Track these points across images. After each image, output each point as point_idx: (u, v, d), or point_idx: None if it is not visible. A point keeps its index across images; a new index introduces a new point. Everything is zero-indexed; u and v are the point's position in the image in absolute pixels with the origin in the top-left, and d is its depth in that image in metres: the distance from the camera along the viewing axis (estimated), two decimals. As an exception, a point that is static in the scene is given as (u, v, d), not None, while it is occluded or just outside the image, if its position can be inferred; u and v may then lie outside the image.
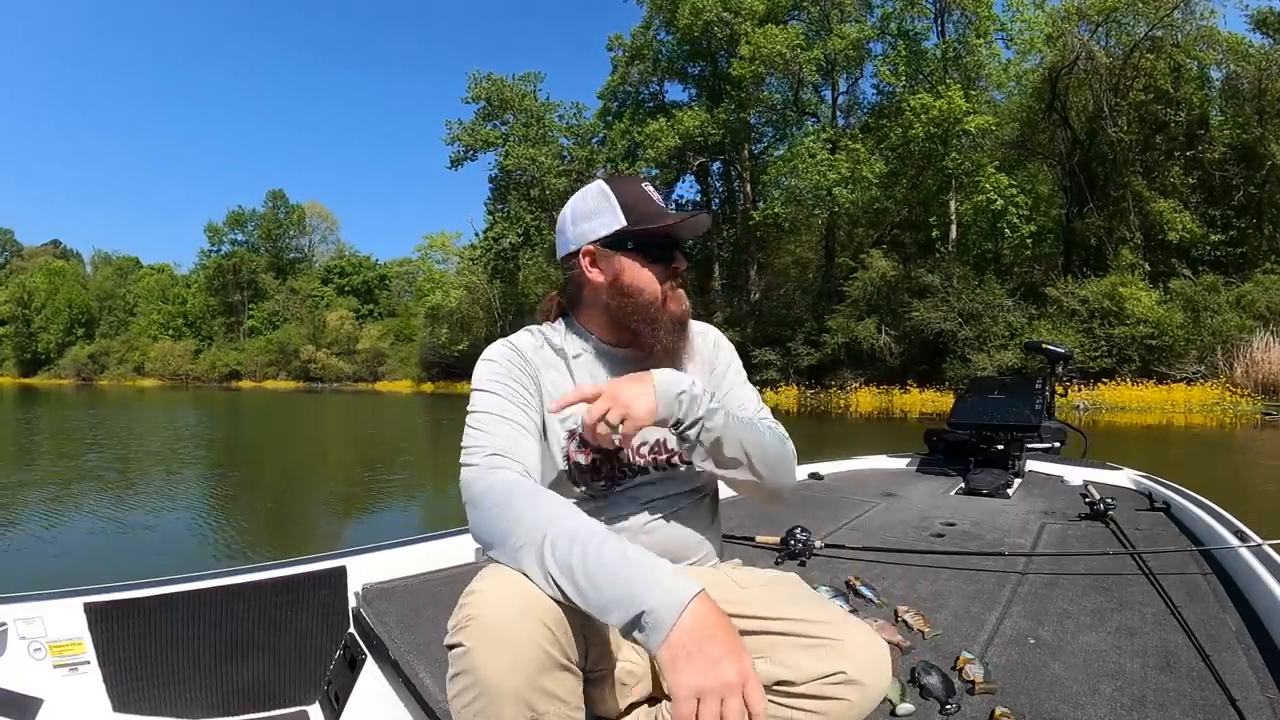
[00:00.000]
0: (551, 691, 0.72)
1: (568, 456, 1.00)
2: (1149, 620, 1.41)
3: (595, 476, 1.01)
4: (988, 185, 19.53)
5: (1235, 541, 1.69)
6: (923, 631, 1.37)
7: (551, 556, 0.74)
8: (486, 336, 33.03)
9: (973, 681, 1.15)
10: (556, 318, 1.10)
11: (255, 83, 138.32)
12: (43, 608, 1.35)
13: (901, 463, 3.45)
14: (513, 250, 30.89)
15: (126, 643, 1.39)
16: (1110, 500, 2.25)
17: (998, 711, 1.05)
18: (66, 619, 1.36)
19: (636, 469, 1.03)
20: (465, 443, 0.92)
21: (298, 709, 1.49)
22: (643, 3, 26.94)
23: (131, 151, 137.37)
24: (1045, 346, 3.52)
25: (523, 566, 0.76)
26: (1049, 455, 3.29)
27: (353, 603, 1.56)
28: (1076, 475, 2.98)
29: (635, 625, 0.68)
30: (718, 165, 28.34)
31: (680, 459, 1.04)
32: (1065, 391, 3.63)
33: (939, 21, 22.48)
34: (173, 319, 57.52)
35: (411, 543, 1.79)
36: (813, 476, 3.13)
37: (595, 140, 31.16)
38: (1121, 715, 1.05)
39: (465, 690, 0.72)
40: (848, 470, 3.36)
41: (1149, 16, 18.60)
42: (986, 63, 21.37)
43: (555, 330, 1.07)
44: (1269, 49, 18.62)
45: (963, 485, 2.85)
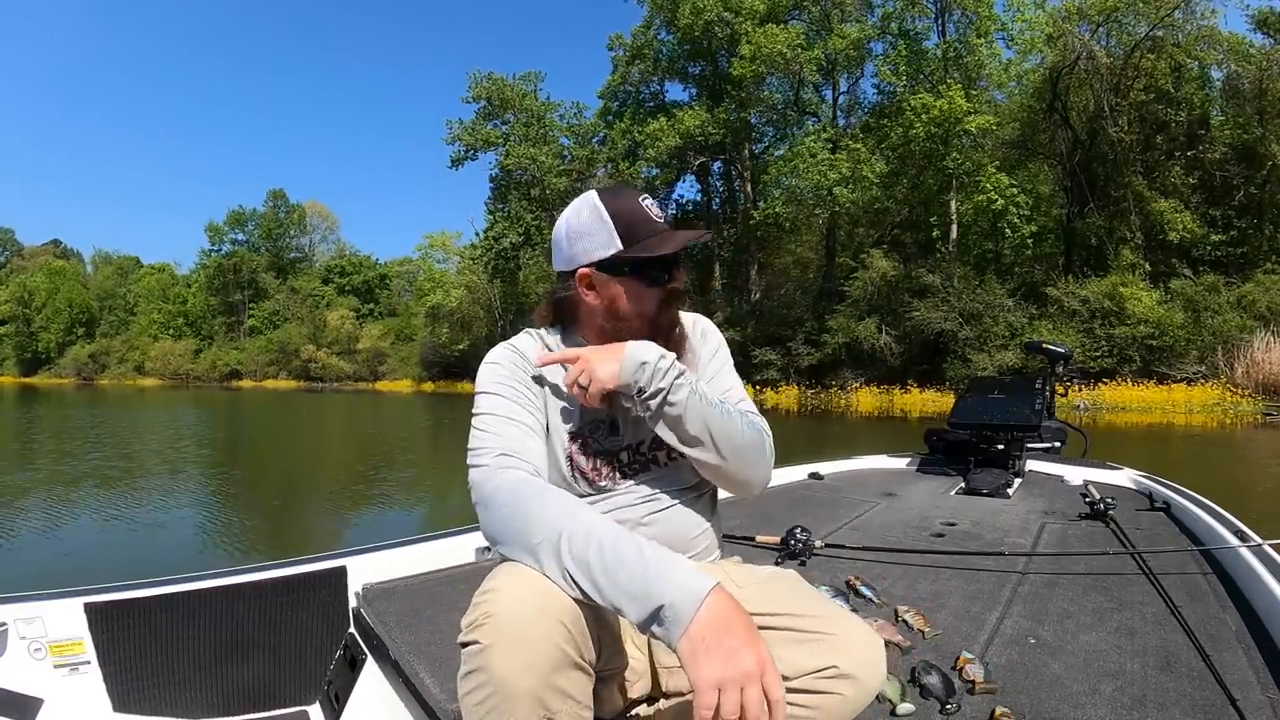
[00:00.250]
0: (565, 690, 0.73)
1: (569, 457, 1.01)
2: (1149, 620, 1.41)
3: (597, 476, 1.01)
4: (988, 185, 19.53)
5: (1235, 541, 1.69)
6: (923, 631, 1.37)
7: (569, 554, 0.75)
8: (487, 336, 33.09)
9: (973, 681, 1.15)
10: (554, 324, 1.09)
11: (255, 82, 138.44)
12: (43, 608, 1.35)
13: (902, 463, 3.45)
14: (513, 250, 30.89)
15: (126, 643, 1.39)
16: (1110, 500, 2.26)
17: (998, 711, 1.05)
18: (67, 619, 1.36)
19: (638, 467, 1.03)
20: (472, 444, 0.93)
21: (298, 709, 1.49)
22: (643, 2, 26.98)
23: (132, 151, 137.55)
24: (1045, 346, 3.52)
25: (540, 564, 0.76)
26: (1049, 455, 3.28)
27: (353, 603, 1.56)
28: (1077, 475, 2.98)
29: (654, 620, 0.69)
30: (718, 165, 28.36)
31: (680, 456, 1.04)
32: (1065, 391, 3.63)
33: (940, 21, 22.48)
34: (173, 318, 57.52)
35: (411, 543, 1.79)
36: (813, 476, 3.13)
37: (596, 140, 31.16)
38: (1121, 715, 1.05)
39: (479, 688, 0.72)
40: (848, 470, 3.36)
41: (1150, 16, 18.59)
42: (987, 62, 21.36)
43: (552, 335, 1.07)
44: (1270, 49, 18.60)
45: (963, 485, 2.85)
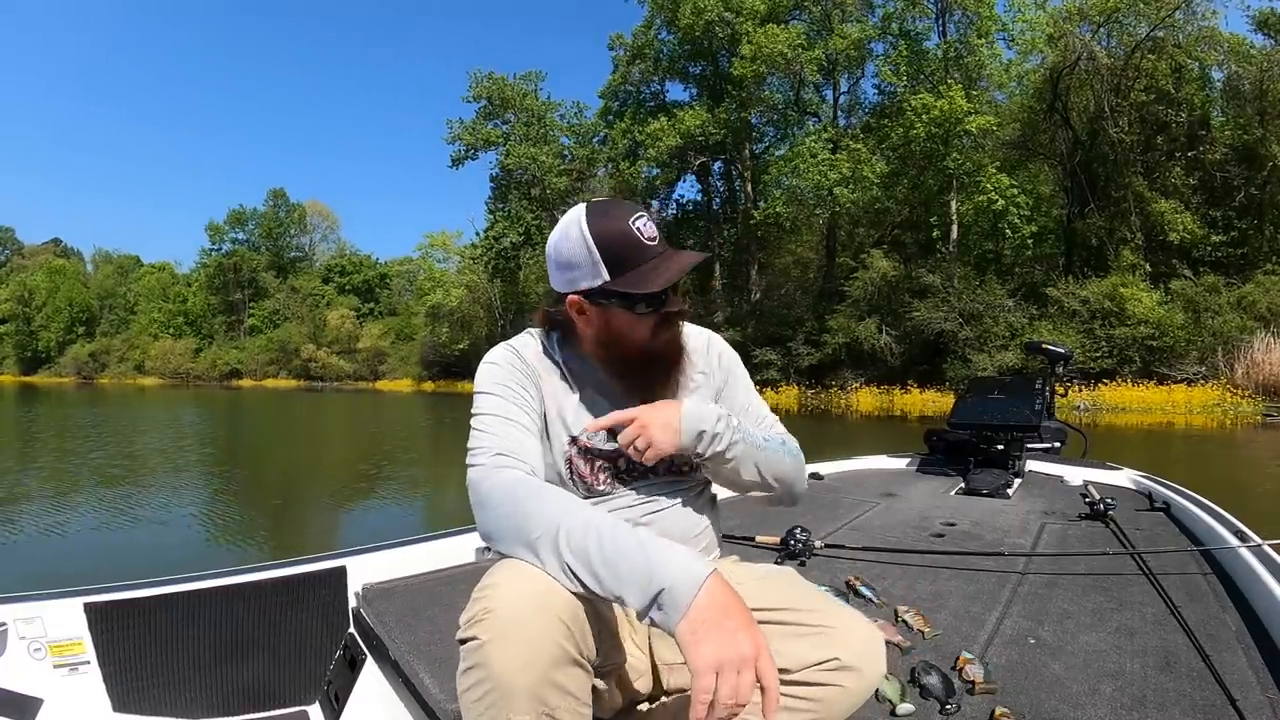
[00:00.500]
0: (564, 687, 0.73)
1: (569, 460, 1.01)
2: (1149, 620, 1.41)
3: (595, 481, 1.01)
4: (989, 185, 19.52)
5: (1235, 541, 1.69)
6: (923, 631, 1.37)
7: (568, 547, 0.75)
8: (487, 335, 33.06)
9: (973, 681, 1.15)
10: (552, 330, 1.07)
11: (255, 81, 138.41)
12: (43, 608, 1.35)
13: (901, 463, 3.45)
14: (513, 249, 30.88)
15: (126, 643, 1.38)
16: (1110, 500, 2.25)
17: (998, 711, 1.05)
18: (66, 619, 1.36)
19: (636, 474, 1.03)
20: (470, 444, 0.93)
21: (298, 709, 1.48)
22: (644, 2, 26.92)
23: (132, 150, 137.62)
24: (1045, 347, 3.52)
25: (539, 559, 0.77)
26: (1049, 455, 3.28)
27: (353, 603, 1.56)
28: (1076, 475, 2.97)
29: (654, 605, 0.70)
30: (719, 165, 28.30)
31: (689, 466, 1.06)
32: (1065, 392, 3.63)
33: (940, 21, 22.46)
34: (173, 317, 57.48)
35: (411, 543, 1.79)
36: (813, 476, 3.13)
37: (596, 140, 31.15)
38: (1121, 715, 1.05)
39: (478, 684, 0.72)
40: (848, 470, 3.36)
41: (1150, 17, 18.57)
42: (988, 63, 21.34)
43: (551, 340, 1.06)
44: (1270, 50, 18.58)
45: (963, 485, 2.85)
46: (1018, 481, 2.90)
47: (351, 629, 1.52)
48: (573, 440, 1.01)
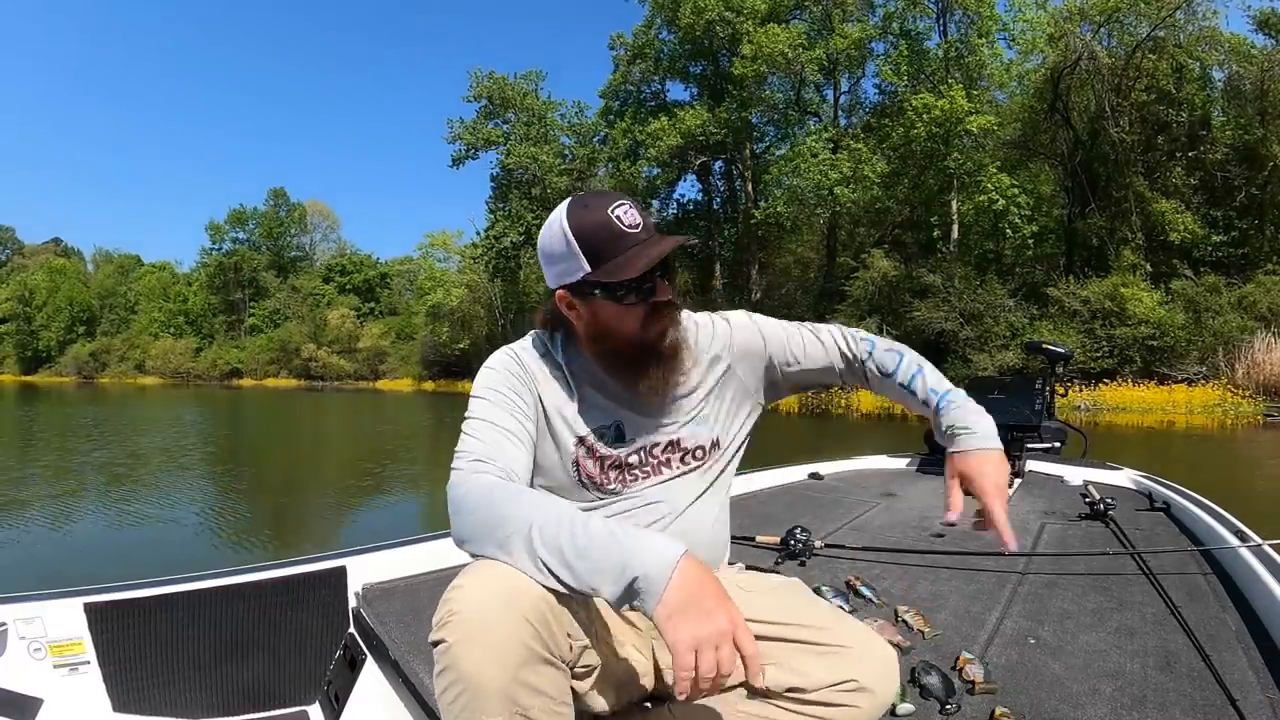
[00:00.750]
0: (536, 686, 0.73)
1: (575, 463, 1.00)
2: (1149, 620, 1.40)
3: (605, 481, 1.00)
4: (989, 185, 19.52)
5: (1235, 541, 1.69)
6: (923, 631, 1.38)
7: (540, 542, 0.74)
8: (488, 335, 33.08)
9: (973, 681, 1.15)
10: (555, 330, 1.06)
11: (256, 81, 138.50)
12: (43, 608, 1.35)
13: (901, 463, 3.45)
14: (514, 249, 30.87)
15: (126, 643, 1.38)
16: (1110, 500, 2.25)
17: (998, 711, 1.05)
18: (66, 619, 1.35)
19: (649, 470, 1.02)
20: (457, 449, 0.92)
21: (298, 709, 1.48)
22: (644, 2, 26.95)
23: (133, 149, 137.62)
24: (1045, 346, 3.52)
25: (512, 558, 0.76)
26: (1049, 455, 3.28)
27: (353, 603, 1.56)
28: (1076, 475, 2.97)
29: (630, 593, 0.71)
30: (719, 164, 28.31)
31: (693, 458, 1.03)
32: (1065, 391, 3.63)
33: (941, 21, 22.46)
34: (174, 317, 57.49)
35: (411, 543, 1.78)
36: (813, 476, 3.13)
37: (597, 139, 31.14)
38: (1121, 715, 1.05)
39: (450, 686, 0.72)
40: (848, 470, 3.36)
41: (1151, 17, 18.56)
42: (988, 63, 21.35)
43: (555, 341, 1.05)
44: (1271, 50, 18.57)
45: None
46: (1018, 481, 2.90)
47: (351, 629, 1.52)
48: (579, 441, 1.00)
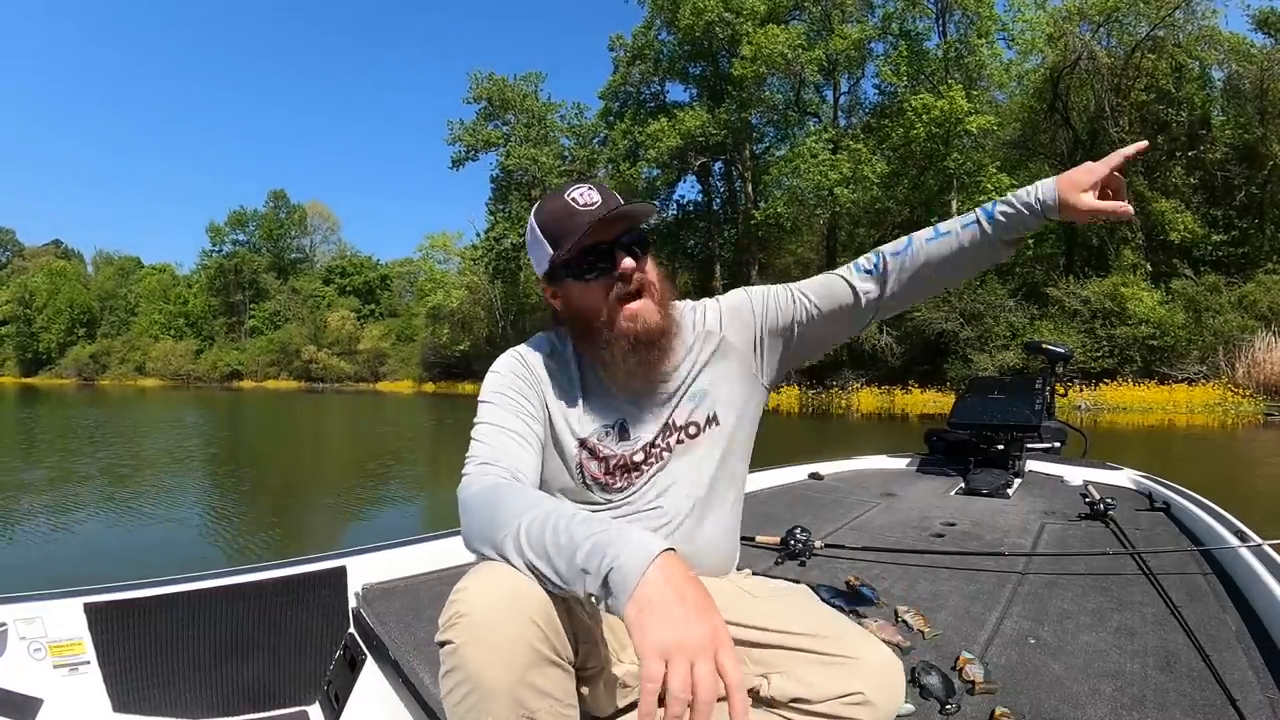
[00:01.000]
0: (542, 688, 0.72)
1: (580, 464, 1.00)
2: (1149, 620, 1.40)
3: (612, 480, 1.00)
4: (989, 185, 19.49)
5: (1235, 541, 1.68)
6: (923, 631, 1.37)
7: (527, 543, 0.73)
8: (488, 337, 33.10)
9: (973, 681, 1.14)
10: (558, 327, 1.07)
11: (256, 82, 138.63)
12: (43, 608, 1.35)
13: (901, 463, 3.45)
14: (514, 250, 30.90)
15: (126, 643, 1.38)
16: (1110, 500, 2.25)
17: (998, 711, 1.05)
18: (66, 619, 1.35)
19: (654, 460, 1.01)
20: (467, 455, 0.93)
21: (298, 709, 1.48)
22: (644, 3, 26.95)
23: (133, 151, 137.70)
24: (1045, 346, 3.52)
25: (507, 558, 0.76)
26: (1049, 455, 3.28)
27: (353, 603, 1.56)
28: (1076, 475, 2.97)
29: (606, 590, 0.65)
30: (719, 165, 28.30)
31: (687, 435, 1.02)
32: (1065, 391, 3.63)
33: (940, 21, 22.46)
34: (174, 319, 57.55)
35: (411, 543, 1.79)
36: (813, 476, 3.13)
37: (596, 140, 31.16)
38: (1121, 715, 1.04)
39: (457, 687, 0.72)
40: (848, 470, 3.36)
41: (1150, 16, 18.58)
42: (988, 63, 21.33)
43: (561, 338, 1.06)
44: (1270, 49, 18.59)
45: (963, 485, 2.85)
46: (1018, 481, 2.90)
47: (351, 629, 1.52)
48: (580, 444, 1.00)
